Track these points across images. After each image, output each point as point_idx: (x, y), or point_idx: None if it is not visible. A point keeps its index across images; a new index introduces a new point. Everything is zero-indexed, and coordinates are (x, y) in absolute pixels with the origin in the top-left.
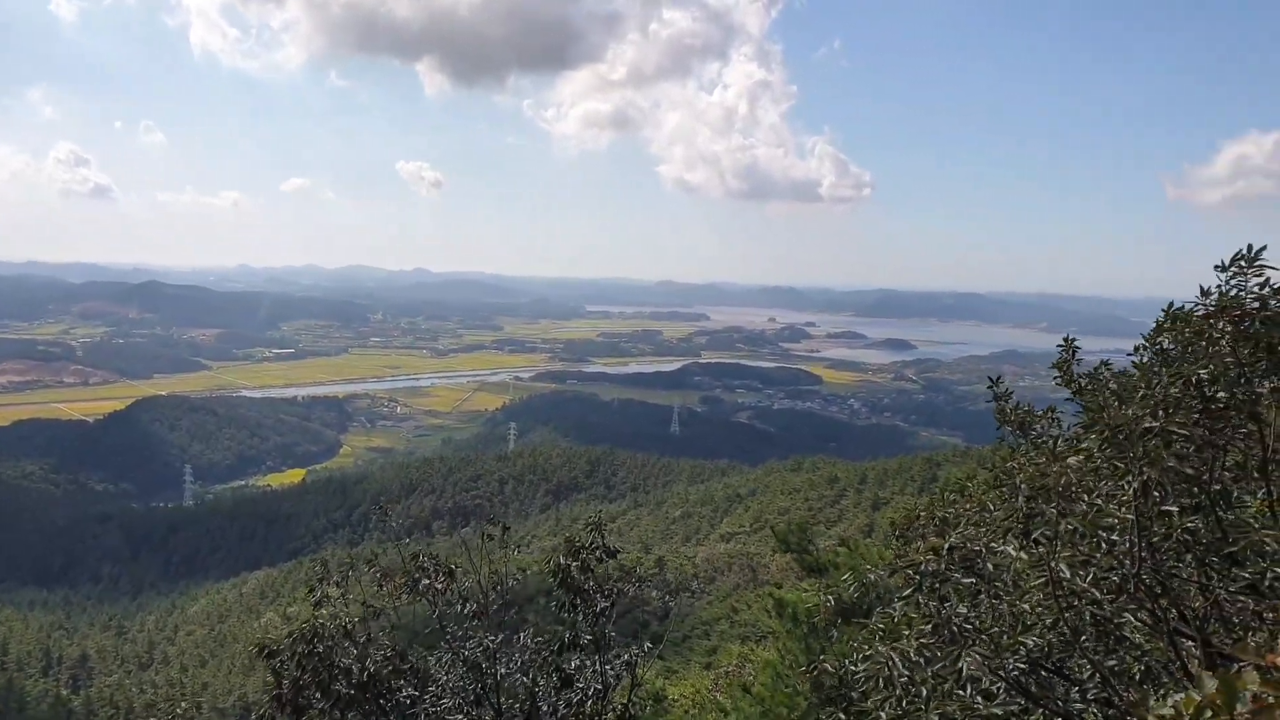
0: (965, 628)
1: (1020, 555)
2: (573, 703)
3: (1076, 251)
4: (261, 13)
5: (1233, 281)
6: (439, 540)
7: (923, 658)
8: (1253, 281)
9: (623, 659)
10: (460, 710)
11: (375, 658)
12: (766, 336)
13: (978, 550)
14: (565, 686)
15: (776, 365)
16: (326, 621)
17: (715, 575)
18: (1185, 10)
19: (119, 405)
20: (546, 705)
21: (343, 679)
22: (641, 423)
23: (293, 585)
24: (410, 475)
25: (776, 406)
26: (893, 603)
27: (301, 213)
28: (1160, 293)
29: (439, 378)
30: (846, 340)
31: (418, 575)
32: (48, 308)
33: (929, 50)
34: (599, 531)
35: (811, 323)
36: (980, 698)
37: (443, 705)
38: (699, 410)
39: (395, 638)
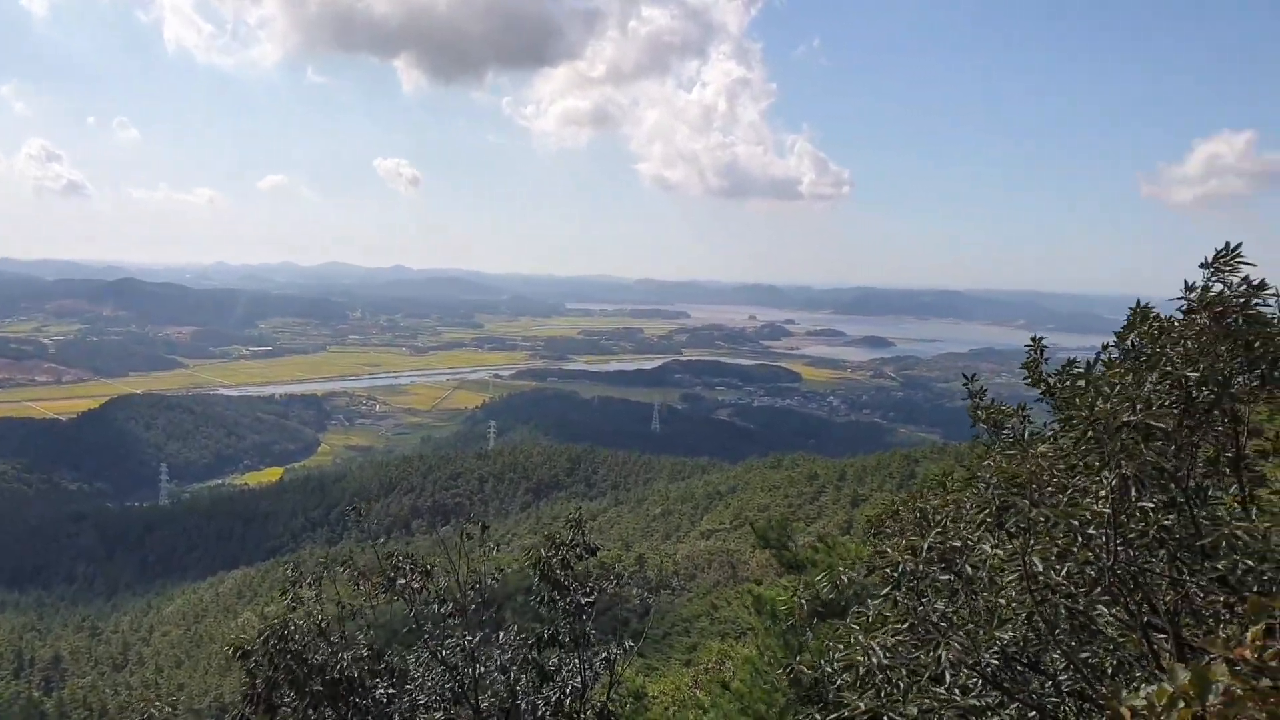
0: (941, 624)
1: (996, 551)
2: (551, 700)
3: (1054, 249)
4: (237, 8)
5: (1215, 278)
6: (418, 539)
7: (899, 652)
8: (1232, 279)
9: (602, 656)
10: (438, 709)
11: (350, 656)
12: (747, 334)
13: (955, 548)
14: (544, 683)
15: (756, 363)
16: (300, 619)
17: (695, 572)
18: (1161, 10)
19: (93, 404)
20: (525, 703)
21: (316, 677)
22: (622, 420)
23: (270, 585)
24: (389, 474)
25: (756, 404)
26: (869, 600)
27: (278, 210)
28: (1136, 290)
29: (418, 376)
30: (826, 338)
31: (394, 574)
32: (20, 305)
33: (908, 49)
34: (579, 528)
35: (791, 320)
36: (957, 691)
37: (420, 704)
38: (679, 408)
39: (372, 637)
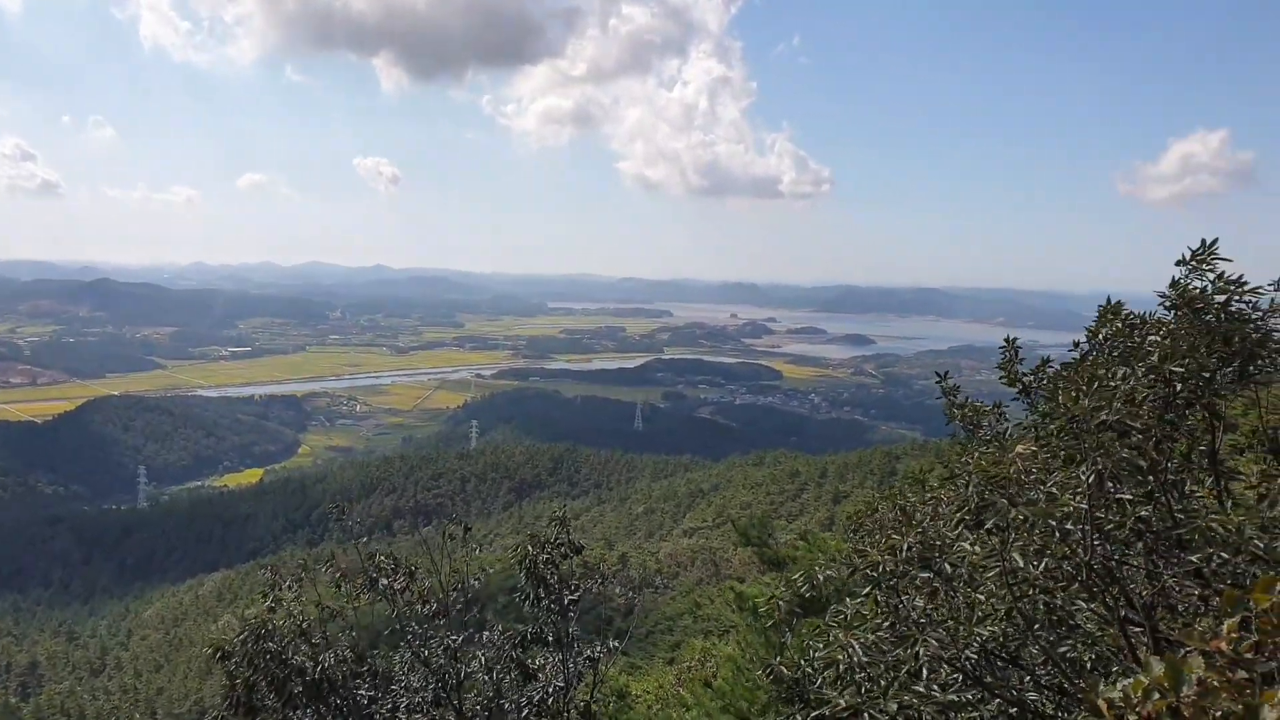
0: (921, 621)
1: (975, 549)
2: (535, 700)
3: (1033, 247)
4: (214, 5)
5: (1193, 275)
6: (400, 540)
7: (879, 650)
8: (1209, 276)
9: (586, 655)
10: (420, 710)
11: (332, 658)
12: (728, 332)
13: (935, 546)
14: (529, 682)
15: (738, 361)
16: (280, 620)
17: (678, 570)
18: (1137, 10)
19: (69, 406)
20: (509, 703)
21: (297, 678)
22: (604, 419)
23: (251, 587)
24: (370, 474)
25: (738, 402)
26: (849, 598)
27: (257, 209)
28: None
29: (399, 375)
30: (807, 336)
31: (376, 575)
32: None
33: (887, 47)
34: (564, 527)
35: (773, 319)
36: (936, 687)
37: (402, 705)
38: (662, 406)
39: (355, 638)
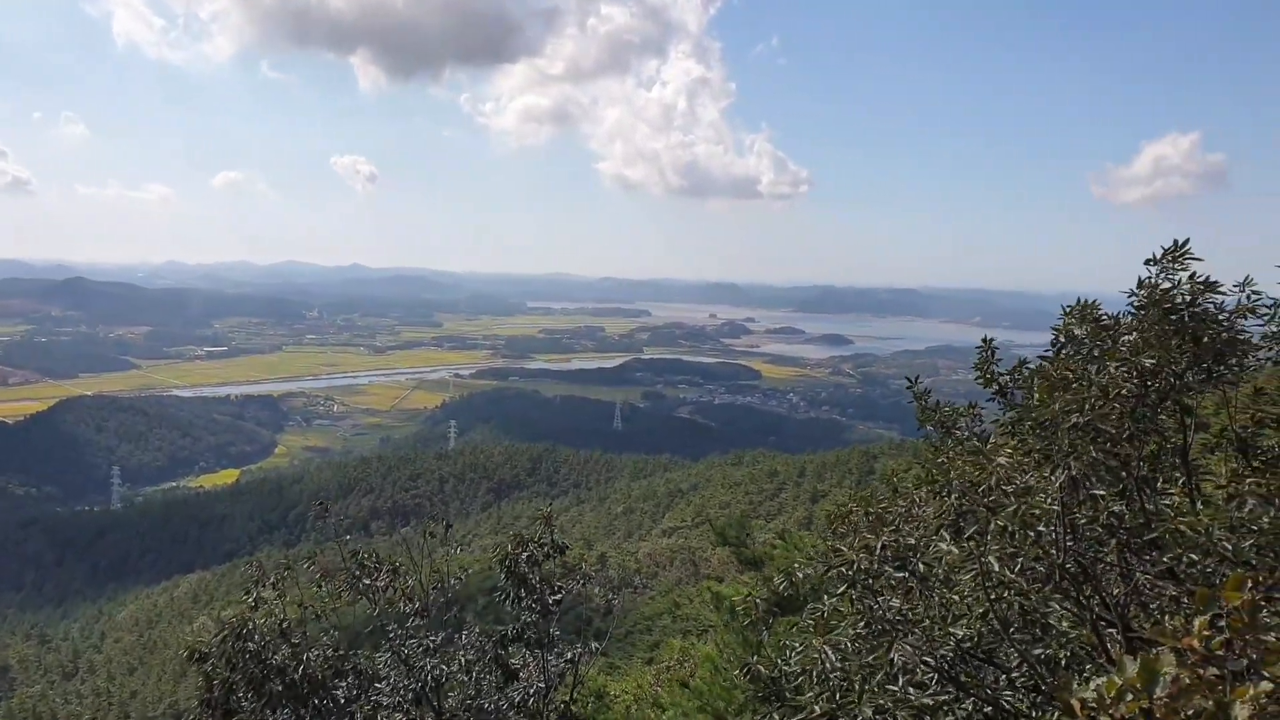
0: (897, 620)
1: (952, 549)
2: (515, 701)
3: (1009, 248)
4: (189, 2)
5: (1163, 275)
6: (378, 540)
7: (855, 651)
8: (1180, 276)
9: (566, 657)
10: (399, 710)
11: (313, 657)
12: (707, 332)
13: (910, 545)
14: (509, 682)
15: (717, 361)
16: (260, 619)
17: (658, 570)
18: (1113, 13)
19: (41, 406)
20: (489, 703)
21: (276, 678)
22: (584, 419)
23: (227, 588)
24: (348, 474)
25: (717, 401)
26: (825, 597)
27: (233, 207)
28: (1086, 287)
29: (376, 375)
30: (785, 336)
31: (359, 573)
32: None
33: (864, 50)
34: (549, 526)
35: (751, 318)
36: (912, 689)
37: (381, 705)
38: (641, 406)
39: (336, 638)
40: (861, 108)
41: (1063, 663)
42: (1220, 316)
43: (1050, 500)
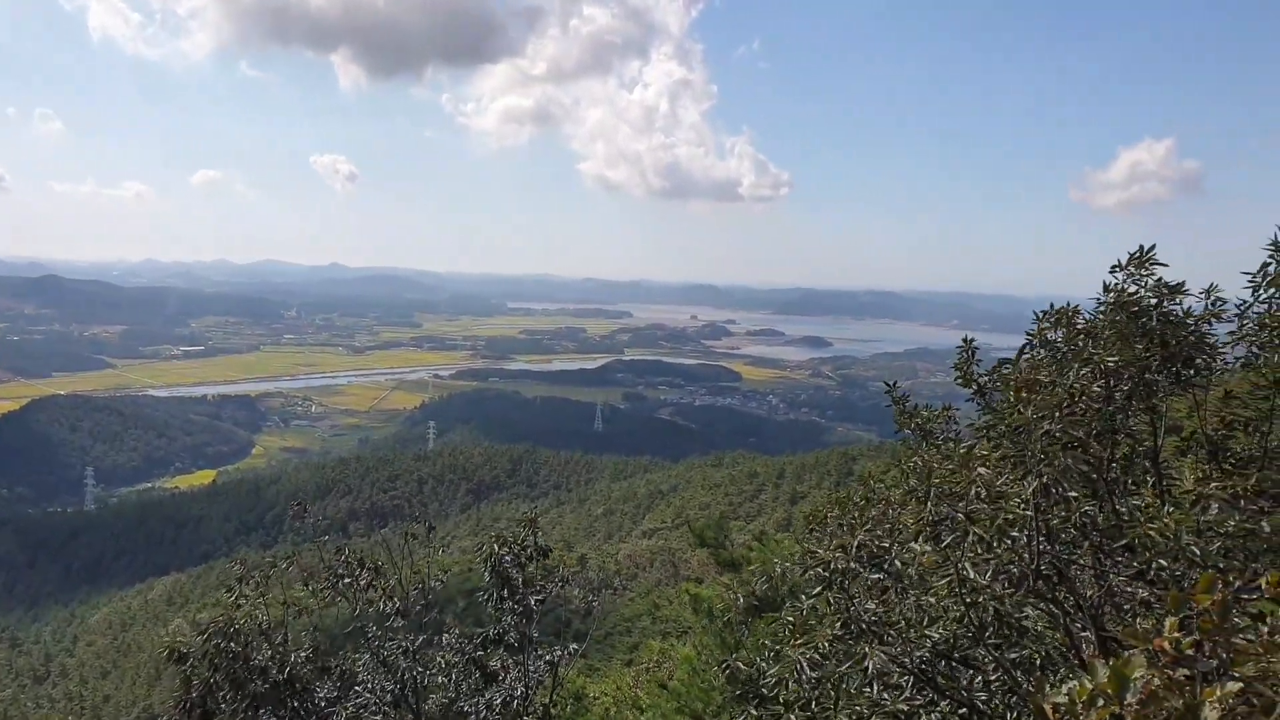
0: (872, 621)
1: (926, 549)
2: (495, 703)
3: (987, 252)
4: None
5: (1129, 280)
6: (356, 542)
7: (832, 655)
8: (1148, 280)
9: (545, 659)
10: (378, 711)
11: (296, 657)
12: (688, 334)
13: (885, 547)
14: (489, 685)
15: (698, 362)
16: (244, 619)
17: (637, 572)
18: (1091, 19)
19: (13, 405)
20: (469, 706)
21: (259, 678)
22: (564, 420)
23: (203, 590)
24: (326, 475)
25: (698, 403)
26: (802, 598)
27: (211, 206)
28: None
29: (355, 376)
30: (766, 338)
31: (341, 572)
32: None
33: (845, 54)
34: (533, 528)
35: (732, 320)
36: (887, 693)
37: (361, 706)
38: (622, 407)
39: (319, 639)
40: (842, 111)
41: (1038, 664)
42: (1188, 320)
43: (1024, 506)
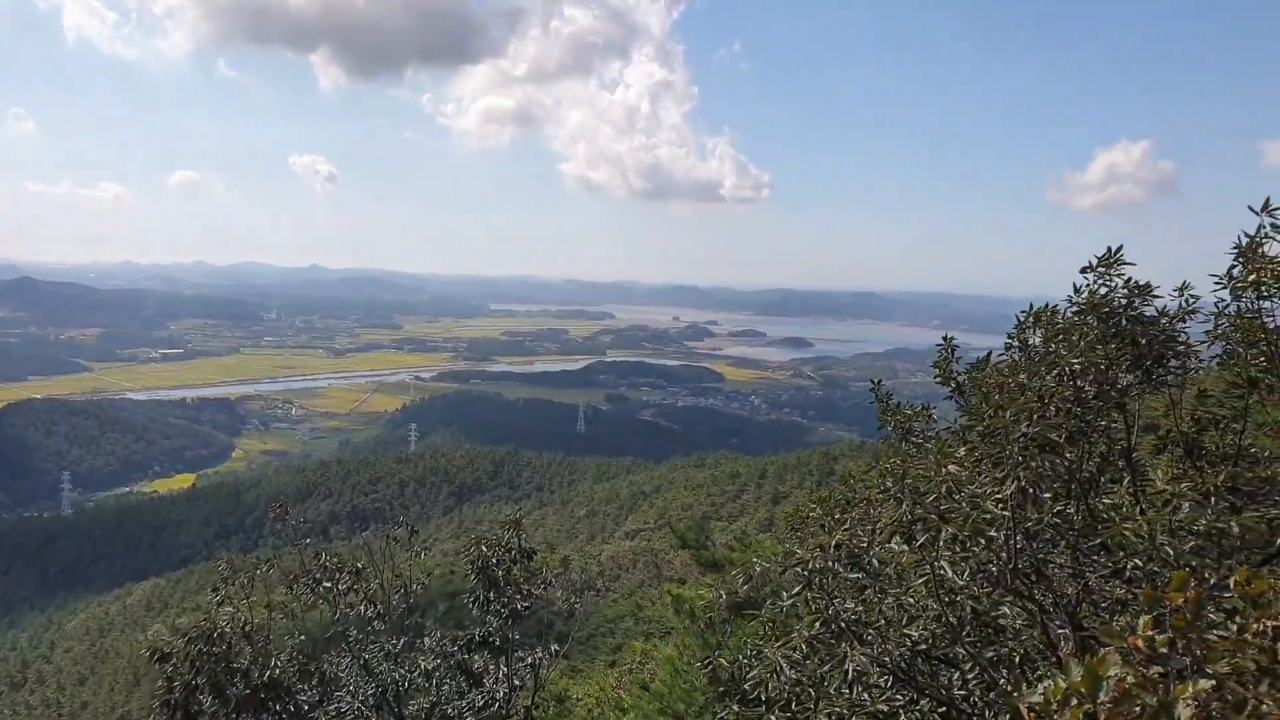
0: (852, 620)
1: (904, 548)
2: (477, 706)
3: (966, 252)
4: None
5: (1099, 281)
6: (337, 545)
7: (812, 655)
8: (1117, 281)
9: (527, 662)
10: (360, 715)
11: (279, 660)
12: (670, 335)
13: (864, 547)
14: (472, 687)
15: (680, 363)
16: (226, 622)
17: (620, 573)
18: (1068, 21)
19: None
20: (451, 709)
21: (240, 681)
22: (547, 422)
23: (182, 595)
24: (306, 478)
25: (680, 404)
26: (783, 596)
27: (189, 207)
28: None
29: (335, 378)
30: (747, 338)
31: (320, 575)
32: None
33: (826, 54)
34: (517, 531)
35: (714, 321)
36: (867, 693)
37: (342, 709)
38: (604, 408)
39: (301, 641)
40: (822, 113)
41: (1017, 661)
42: (1160, 320)
43: (1001, 507)
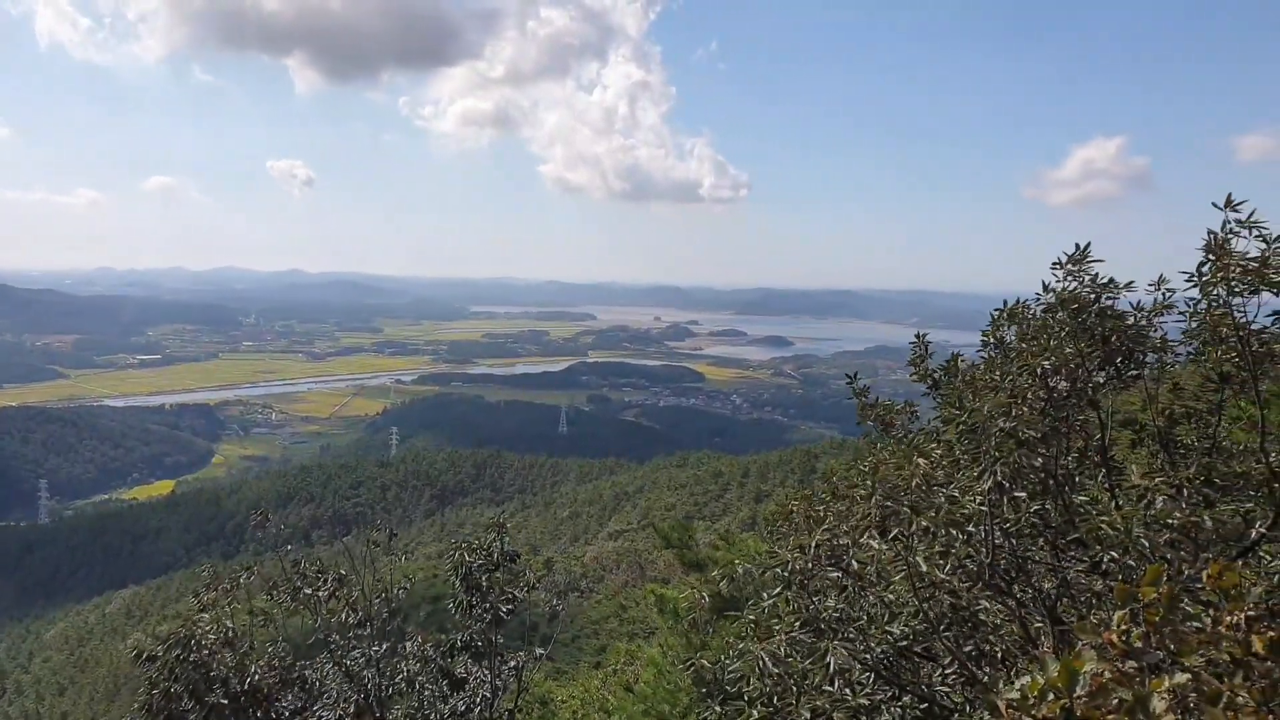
0: (833, 617)
1: (882, 548)
2: (459, 710)
3: (944, 251)
4: (115, 2)
5: (1068, 278)
6: (319, 550)
7: (794, 652)
8: (1086, 277)
9: (510, 664)
10: None
11: (259, 667)
12: (652, 335)
13: (844, 546)
14: (455, 691)
15: (662, 363)
16: (207, 628)
17: (604, 574)
18: (1041, 21)
19: None
20: (434, 715)
21: (219, 688)
22: (529, 424)
23: (162, 603)
24: (287, 483)
25: (662, 404)
26: (764, 596)
27: (166, 212)
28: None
29: (316, 382)
30: (728, 338)
31: (301, 583)
32: None
33: (802, 54)
34: (500, 534)
35: (695, 321)
36: (848, 689)
37: (323, 717)
38: (586, 409)
39: (283, 648)
40: (799, 112)
41: (999, 657)
42: (1132, 315)
43: (979, 502)
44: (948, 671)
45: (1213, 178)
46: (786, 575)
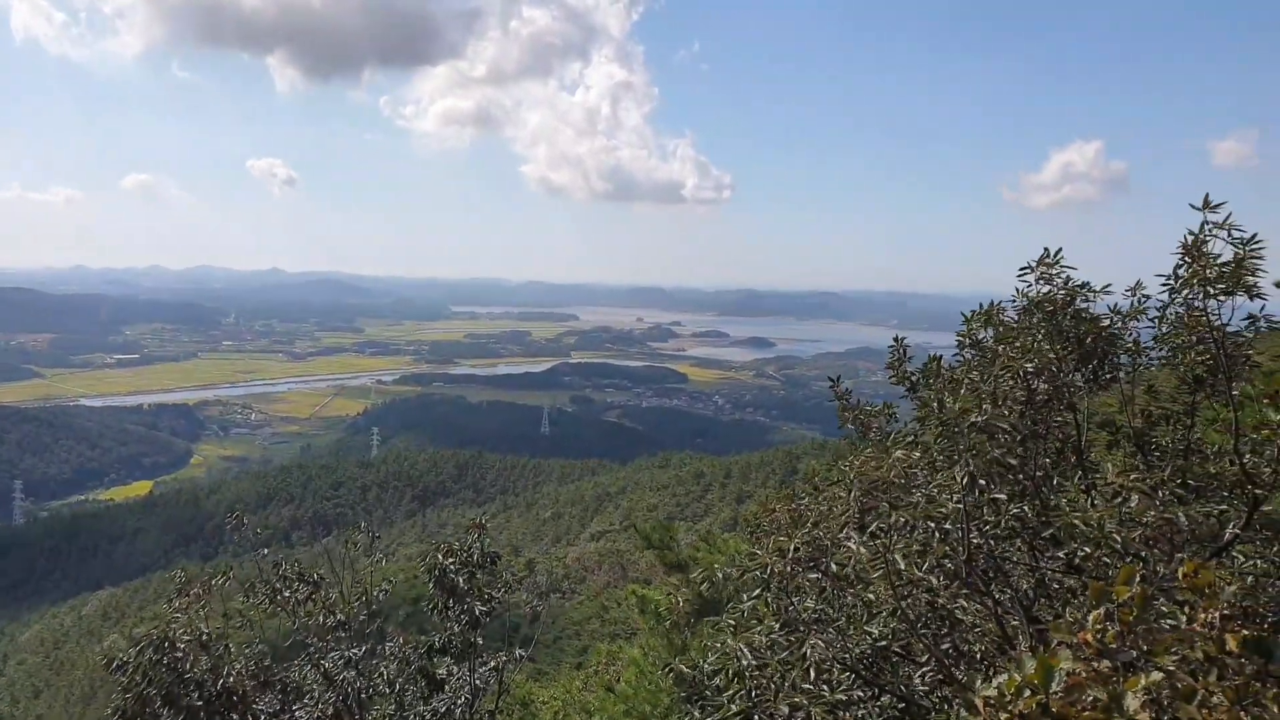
0: (812, 619)
1: (861, 549)
2: (440, 712)
3: (925, 253)
4: None
5: (1040, 281)
6: (299, 551)
7: (771, 647)
8: (1057, 280)
9: (490, 665)
10: None
11: (234, 669)
12: (634, 336)
13: (823, 547)
14: (435, 693)
15: (644, 364)
16: (180, 630)
17: (586, 575)
18: (1019, 24)
19: None
20: (414, 716)
21: (195, 691)
22: (511, 424)
23: (139, 605)
24: (267, 484)
25: (645, 405)
26: (742, 595)
27: (144, 211)
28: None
29: (296, 382)
30: (711, 339)
31: (278, 585)
32: None
33: (784, 55)
34: (480, 535)
35: (678, 322)
36: (826, 685)
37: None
38: (569, 410)
39: (261, 650)
40: (782, 114)
41: (978, 656)
42: (1106, 318)
43: (955, 499)
44: (926, 671)
45: (1189, 181)
46: (765, 577)
